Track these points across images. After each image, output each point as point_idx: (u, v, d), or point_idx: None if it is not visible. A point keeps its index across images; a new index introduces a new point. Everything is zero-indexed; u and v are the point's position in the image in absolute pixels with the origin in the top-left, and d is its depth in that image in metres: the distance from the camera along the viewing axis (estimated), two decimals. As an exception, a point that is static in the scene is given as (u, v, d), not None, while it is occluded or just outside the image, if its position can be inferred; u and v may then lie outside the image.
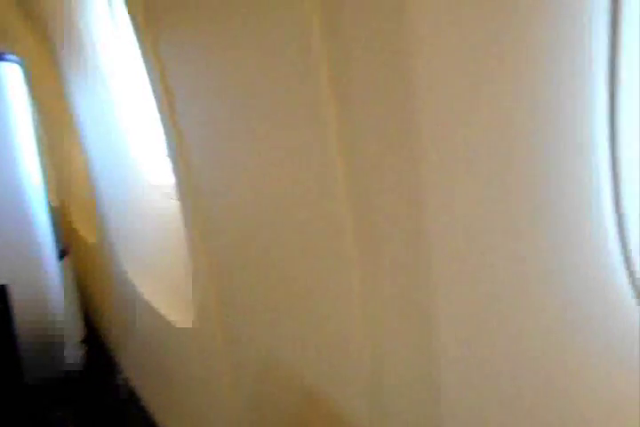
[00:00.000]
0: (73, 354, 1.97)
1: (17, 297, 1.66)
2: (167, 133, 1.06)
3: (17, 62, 1.63)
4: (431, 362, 0.64)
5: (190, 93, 0.94)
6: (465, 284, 0.57)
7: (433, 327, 0.62)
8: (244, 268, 1.04)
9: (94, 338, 2.27)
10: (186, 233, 1.22)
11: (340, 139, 0.64)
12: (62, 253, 1.91)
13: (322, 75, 0.62)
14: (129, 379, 2.05)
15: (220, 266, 1.13)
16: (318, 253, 0.79)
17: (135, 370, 2.03)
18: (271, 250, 0.91)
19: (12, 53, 1.64)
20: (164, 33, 0.93)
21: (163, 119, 1.06)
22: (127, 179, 1.63)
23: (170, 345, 1.59)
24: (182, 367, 1.56)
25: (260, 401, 1.15)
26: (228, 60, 0.79)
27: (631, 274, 0.48)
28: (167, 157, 1.12)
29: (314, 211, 0.75)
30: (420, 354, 0.66)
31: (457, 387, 0.62)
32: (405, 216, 0.60)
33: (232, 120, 0.85)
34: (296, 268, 0.86)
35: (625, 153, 0.46)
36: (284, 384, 1.04)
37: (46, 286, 1.76)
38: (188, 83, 0.93)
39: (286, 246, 0.87)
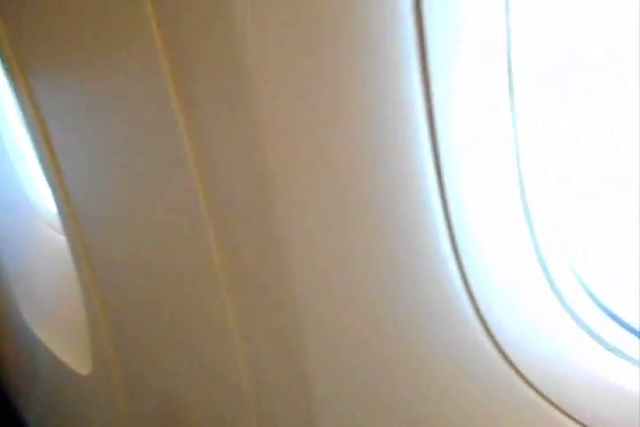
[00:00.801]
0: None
1: None
2: (44, 168, 1.02)
3: None
4: (306, 384, 0.67)
5: (66, 133, 0.92)
6: (329, 316, 0.60)
7: (304, 355, 0.65)
8: (136, 312, 1.01)
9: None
10: (77, 275, 1.17)
11: (200, 172, 0.65)
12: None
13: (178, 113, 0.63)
14: (34, 433, 1.94)
15: (113, 309, 1.09)
16: (197, 298, 0.79)
17: (40, 422, 1.92)
18: (157, 295, 0.90)
19: None
20: (35, 69, 0.91)
21: (43, 163, 1.03)
22: (21, 215, 1.56)
23: (72, 394, 1.52)
24: (83, 417, 1.49)
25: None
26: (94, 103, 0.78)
27: (473, 302, 0.50)
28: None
29: (188, 256, 0.76)
30: (296, 380, 0.68)
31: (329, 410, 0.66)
32: (267, 248, 0.62)
33: (103, 157, 0.84)
34: (179, 314, 0.85)
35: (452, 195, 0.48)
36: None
37: None
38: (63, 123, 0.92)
39: (169, 292, 0.86)
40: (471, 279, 0.50)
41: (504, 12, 0.43)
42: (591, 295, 0.53)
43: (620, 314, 0.52)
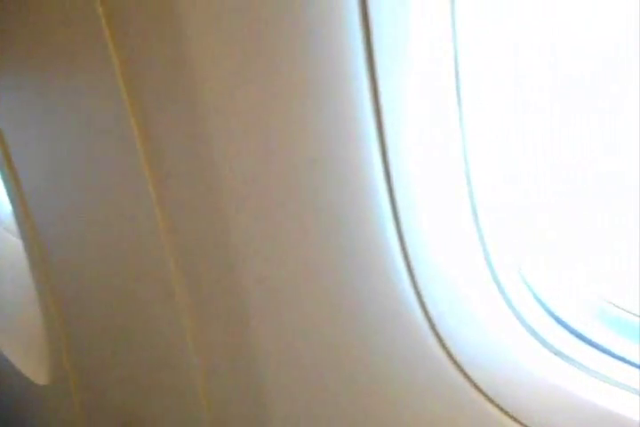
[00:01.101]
0: None
1: None
2: (1, 172, 1.01)
3: None
4: (260, 392, 0.67)
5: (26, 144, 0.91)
6: (285, 332, 0.60)
7: (258, 363, 0.65)
8: (93, 320, 0.99)
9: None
10: (33, 279, 1.15)
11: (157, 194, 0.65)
12: None
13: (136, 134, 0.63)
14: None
15: (70, 317, 1.07)
16: (153, 309, 0.78)
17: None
18: (114, 304, 0.89)
19: None
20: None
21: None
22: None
23: (31, 403, 1.49)
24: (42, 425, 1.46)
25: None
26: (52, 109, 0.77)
27: (422, 305, 0.50)
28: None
29: (143, 264, 0.75)
30: (250, 390, 0.68)
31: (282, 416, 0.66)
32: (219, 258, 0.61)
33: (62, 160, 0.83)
34: (136, 325, 0.85)
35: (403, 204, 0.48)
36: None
37: None
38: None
39: (125, 300, 0.85)
40: (419, 280, 0.51)
41: (450, 16, 0.44)
42: (538, 299, 0.53)
43: (566, 318, 0.53)
